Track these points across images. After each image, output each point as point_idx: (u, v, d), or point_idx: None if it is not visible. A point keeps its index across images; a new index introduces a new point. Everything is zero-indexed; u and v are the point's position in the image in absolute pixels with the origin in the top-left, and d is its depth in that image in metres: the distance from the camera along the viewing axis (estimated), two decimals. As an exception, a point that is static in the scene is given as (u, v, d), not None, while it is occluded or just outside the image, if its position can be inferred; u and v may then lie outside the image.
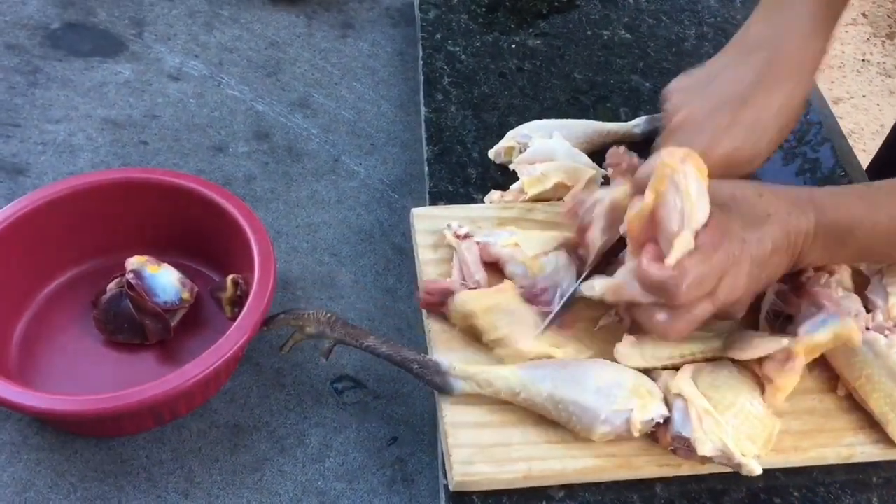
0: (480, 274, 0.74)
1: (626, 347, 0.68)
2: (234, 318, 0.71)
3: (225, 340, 0.68)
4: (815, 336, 0.64)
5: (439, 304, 0.72)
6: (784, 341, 0.65)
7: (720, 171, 0.68)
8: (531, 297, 0.73)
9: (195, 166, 0.94)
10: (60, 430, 0.71)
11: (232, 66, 1.07)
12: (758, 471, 0.62)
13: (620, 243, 0.68)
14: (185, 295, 0.76)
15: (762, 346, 0.65)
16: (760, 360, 0.66)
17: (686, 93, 0.72)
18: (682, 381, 0.64)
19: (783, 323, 0.71)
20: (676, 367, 0.66)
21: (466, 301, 0.70)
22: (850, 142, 1.01)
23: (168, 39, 1.09)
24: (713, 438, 0.62)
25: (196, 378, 0.66)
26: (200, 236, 0.81)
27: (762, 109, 0.68)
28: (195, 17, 1.13)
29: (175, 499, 0.68)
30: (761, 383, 0.66)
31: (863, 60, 2.80)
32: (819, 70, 0.72)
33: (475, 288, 0.72)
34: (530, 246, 0.73)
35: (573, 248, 0.74)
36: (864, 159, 1.11)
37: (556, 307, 0.70)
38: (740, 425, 0.63)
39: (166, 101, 1.01)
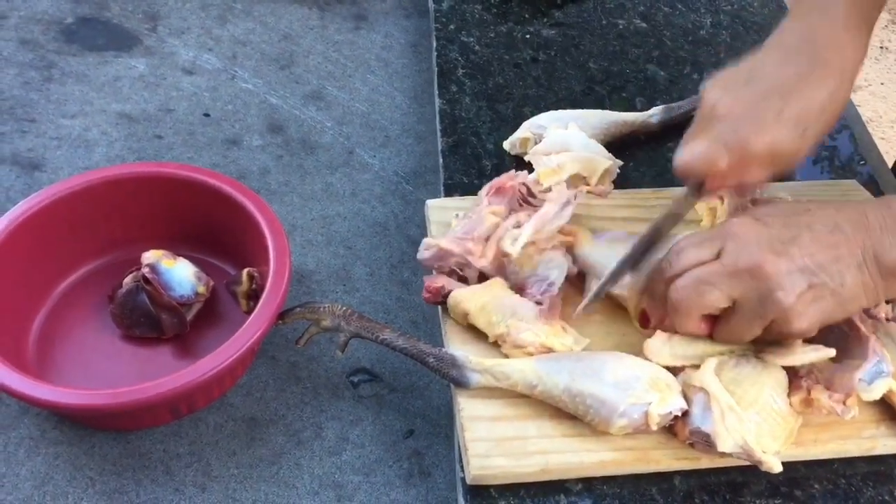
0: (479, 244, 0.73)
1: (657, 344, 0.67)
2: (249, 312, 0.71)
3: (241, 334, 0.68)
4: (872, 391, 0.63)
5: (439, 302, 0.71)
6: (829, 352, 0.63)
7: (762, 164, 0.67)
8: (520, 287, 0.72)
9: (210, 160, 0.94)
10: (78, 425, 0.72)
11: (245, 59, 1.07)
12: (778, 468, 0.61)
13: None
14: (201, 289, 0.77)
15: (803, 354, 0.64)
16: (796, 369, 0.65)
17: (727, 85, 0.70)
18: (706, 376, 0.63)
19: None
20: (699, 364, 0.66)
21: (461, 301, 0.69)
22: (869, 129, 0.99)
23: (182, 33, 1.09)
24: (734, 435, 0.61)
25: (212, 372, 0.66)
26: (216, 230, 0.81)
27: (807, 105, 0.67)
28: (208, 11, 1.13)
29: (192, 492, 0.68)
30: (786, 379, 0.65)
31: (881, 48, 2.77)
32: (857, 72, 0.71)
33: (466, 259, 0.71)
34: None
35: (570, 248, 0.74)
36: (883, 147, 1.10)
37: (595, 290, 0.69)
38: (762, 422, 0.62)
39: (180, 95, 1.01)
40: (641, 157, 0.90)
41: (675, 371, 0.66)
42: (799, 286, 0.60)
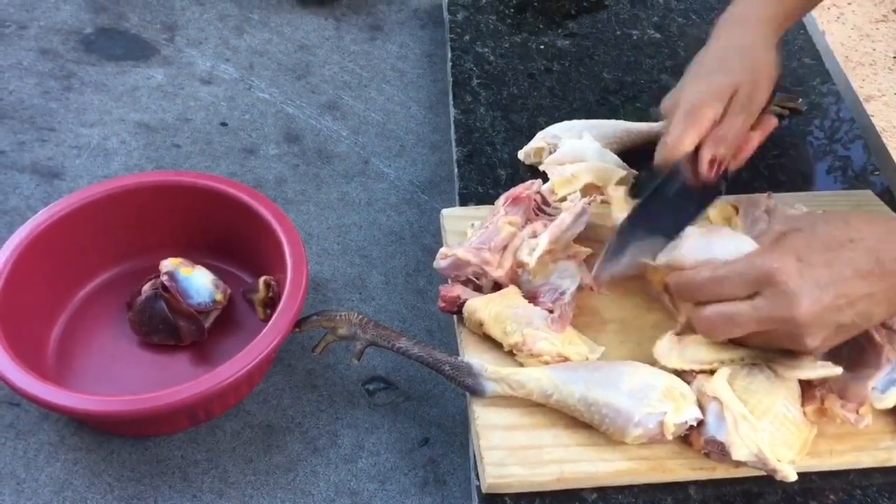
0: (496, 254, 0.73)
1: (666, 347, 0.67)
2: (266, 320, 0.71)
3: (258, 342, 0.69)
4: (885, 400, 0.63)
5: (455, 311, 0.72)
6: (836, 370, 0.63)
7: (717, 111, 0.71)
8: (532, 295, 0.73)
9: (227, 169, 0.95)
10: (97, 431, 0.72)
11: (262, 69, 1.08)
12: (793, 477, 0.61)
13: None
14: (219, 296, 0.77)
15: (811, 369, 0.64)
16: (810, 380, 0.65)
17: (681, 81, 0.76)
18: (719, 385, 0.64)
19: None
20: (710, 371, 0.66)
21: (475, 310, 0.70)
22: (882, 139, 0.99)
23: (199, 44, 1.11)
24: (749, 444, 0.61)
25: (230, 379, 0.66)
26: (233, 238, 0.82)
27: (722, 50, 0.75)
28: (226, 22, 1.14)
29: (210, 498, 0.69)
30: (798, 388, 0.65)
31: (894, 58, 2.76)
32: (781, 22, 0.78)
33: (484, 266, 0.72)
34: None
35: (585, 258, 0.75)
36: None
37: (607, 248, 0.71)
38: (776, 431, 0.62)
39: (198, 105, 1.02)
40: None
41: (685, 376, 0.66)
42: (827, 330, 0.60)
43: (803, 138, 0.96)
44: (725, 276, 0.61)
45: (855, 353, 0.66)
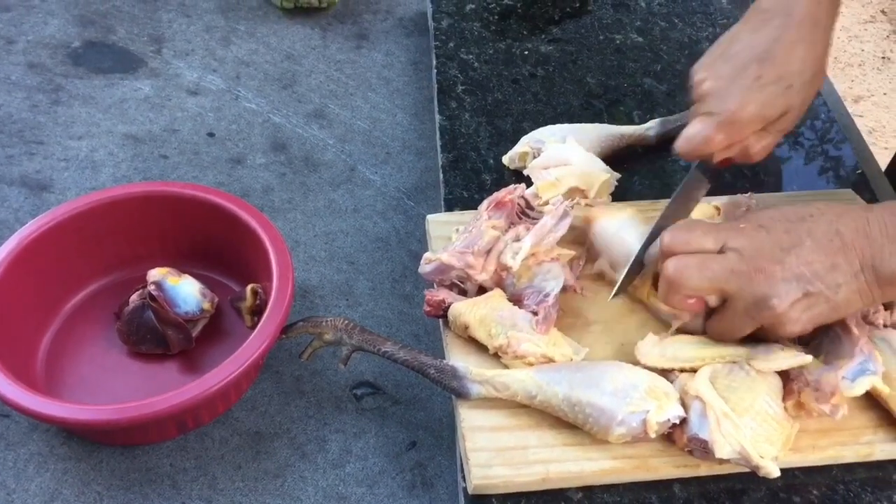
0: (479, 258, 0.74)
1: (648, 346, 0.68)
2: (253, 327, 0.72)
3: (245, 349, 0.69)
4: (854, 388, 0.64)
5: (440, 315, 0.72)
6: (806, 358, 0.65)
7: (757, 130, 0.70)
8: (517, 298, 0.73)
9: (214, 179, 0.95)
10: (86, 440, 0.73)
11: (249, 79, 1.08)
12: (776, 473, 0.62)
13: None
14: (206, 305, 0.78)
15: (783, 359, 0.65)
16: (788, 373, 0.66)
17: (709, 63, 0.73)
18: (700, 383, 0.64)
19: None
20: (692, 370, 0.66)
21: (461, 313, 0.70)
22: (871, 139, 1.01)
23: (186, 55, 1.11)
24: (731, 441, 0.62)
25: (217, 386, 0.67)
26: (220, 247, 0.82)
27: (785, 64, 0.70)
28: (212, 33, 1.15)
29: (199, 505, 0.69)
30: (780, 384, 0.66)
31: (883, 58, 2.78)
32: (833, 23, 0.73)
33: (469, 269, 0.73)
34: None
35: (568, 261, 0.75)
36: (886, 157, 1.10)
37: (619, 282, 0.72)
38: (758, 427, 0.63)
39: (185, 116, 1.03)
40: (639, 170, 0.91)
41: (668, 375, 0.66)
42: (793, 294, 0.62)
43: (786, 138, 0.96)
44: (695, 227, 0.67)
45: (834, 346, 0.66)
